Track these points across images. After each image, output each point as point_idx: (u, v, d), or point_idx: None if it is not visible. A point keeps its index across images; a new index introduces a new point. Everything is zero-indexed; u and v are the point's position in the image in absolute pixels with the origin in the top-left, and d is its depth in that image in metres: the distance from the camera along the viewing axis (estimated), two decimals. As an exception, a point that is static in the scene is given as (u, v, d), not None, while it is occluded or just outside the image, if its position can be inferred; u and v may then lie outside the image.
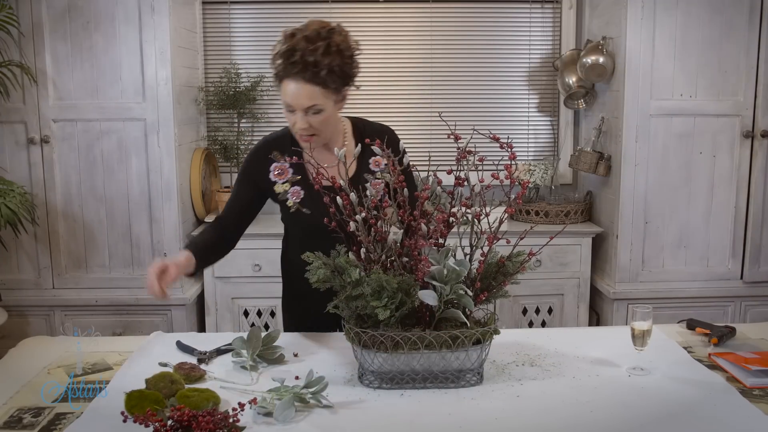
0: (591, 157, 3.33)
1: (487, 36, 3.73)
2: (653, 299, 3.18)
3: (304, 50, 1.77)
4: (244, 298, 3.33)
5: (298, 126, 1.84)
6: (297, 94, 1.80)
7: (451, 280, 1.59)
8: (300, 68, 1.77)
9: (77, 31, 3.00)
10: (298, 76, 1.78)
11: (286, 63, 1.78)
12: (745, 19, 3.09)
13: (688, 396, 1.63)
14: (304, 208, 1.91)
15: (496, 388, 1.67)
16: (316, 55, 1.77)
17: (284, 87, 1.82)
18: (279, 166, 1.93)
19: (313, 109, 1.82)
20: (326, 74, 1.78)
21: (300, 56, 1.77)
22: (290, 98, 1.81)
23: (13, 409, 1.58)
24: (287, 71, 1.79)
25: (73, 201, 3.11)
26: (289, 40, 1.80)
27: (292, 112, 1.84)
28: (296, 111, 1.82)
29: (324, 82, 1.79)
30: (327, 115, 1.84)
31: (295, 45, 1.77)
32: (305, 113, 1.82)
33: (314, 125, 1.84)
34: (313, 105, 1.81)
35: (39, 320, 3.18)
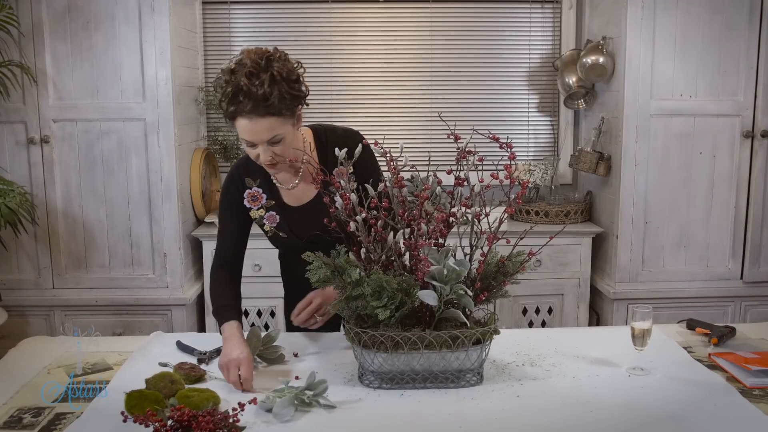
0: (591, 157, 3.33)
1: (487, 36, 3.73)
2: (653, 299, 3.18)
3: (249, 87, 1.72)
4: (244, 298, 3.26)
5: (262, 159, 1.81)
6: (255, 129, 1.76)
7: (451, 280, 1.59)
8: (251, 105, 1.73)
9: (77, 31, 3.00)
10: (252, 113, 1.74)
11: (235, 103, 1.74)
12: (745, 19, 3.09)
13: (688, 396, 1.63)
14: (281, 232, 1.97)
15: (496, 388, 1.67)
16: (263, 88, 1.73)
17: (239, 125, 1.77)
18: (252, 192, 1.94)
19: (273, 140, 1.79)
20: (278, 103, 1.75)
21: (246, 94, 1.72)
22: (249, 135, 1.77)
23: (13, 409, 1.58)
24: (239, 110, 1.74)
25: (73, 201, 3.11)
26: (231, 80, 1.74)
27: (253, 146, 1.80)
28: (257, 145, 1.79)
29: (278, 111, 1.76)
30: (288, 140, 1.81)
31: (239, 84, 1.72)
32: (267, 145, 1.79)
33: (278, 153, 1.81)
34: (273, 136, 1.78)
35: (39, 320, 3.18)
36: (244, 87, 1.71)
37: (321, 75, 3.69)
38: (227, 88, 1.74)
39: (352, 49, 3.68)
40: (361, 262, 1.67)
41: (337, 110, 3.71)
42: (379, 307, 1.59)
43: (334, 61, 3.68)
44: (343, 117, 3.72)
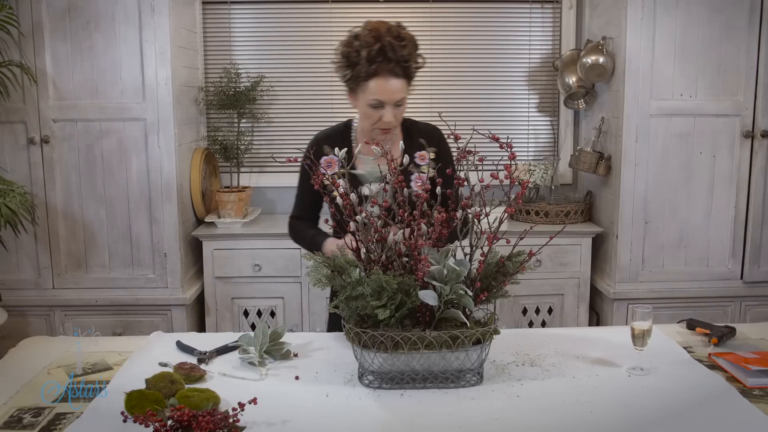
0: (591, 157, 3.33)
1: (487, 36, 3.73)
2: (653, 299, 3.18)
3: (395, 47, 1.89)
4: (244, 298, 3.33)
5: (386, 119, 1.96)
6: (391, 89, 1.92)
7: (451, 280, 1.59)
8: (393, 65, 1.90)
9: (77, 31, 3.00)
10: (391, 73, 1.91)
11: (378, 61, 1.89)
12: (745, 19, 3.09)
13: (688, 396, 1.63)
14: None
15: (496, 388, 1.67)
16: (407, 51, 1.91)
17: (374, 85, 1.92)
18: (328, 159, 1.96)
19: (400, 102, 1.96)
20: (413, 67, 1.94)
21: (392, 53, 1.89)
22: (384, 94, 1.93)
23: (13, 409, 1.58)
24: (381, 68, 1.90)
25: (73, 201, 3.11)
26: (375, 41, 1.90)
27: (377, 107, 1.95)
28: (386, 106, 1.94)
29: (410, 75, 1.96)
30: (405, 106, 1.99)
31: (386, 44, 1.89)
32: (393, 106, 1.95)
33: (397, 116, 1.97)
34: (402, 98, 1.95)
35: (39, 320, 3.18)
36: (388, 47, 1.89)
37: (321, 75, 3.69)
38: (372, 48, 1.89)
39: (352, 49, 3.67)
40: (361, 262, 1.67)
41: (338, 110, 3.71)
42: (379, 307, 1.59)
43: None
44: (343, 117, 3.70)
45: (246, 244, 3.30)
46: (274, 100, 3.69)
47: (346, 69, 1.97)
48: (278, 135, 3.73)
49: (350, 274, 1.64)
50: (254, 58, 3.68)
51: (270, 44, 3.69)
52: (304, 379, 1.74)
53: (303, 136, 3.69)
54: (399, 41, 1.91)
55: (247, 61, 3.67)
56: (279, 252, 3.30)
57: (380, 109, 1.95)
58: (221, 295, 3.31)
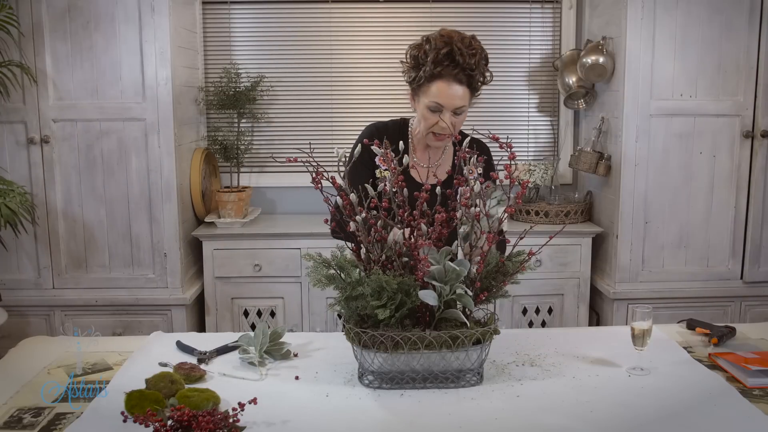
0: (591, 157, 3.33)
1: (487, 36, 3.72)
2: (653, 299, 3.18)
3: (464, 54, 1.88)
4: (244, 298, 3.33)
5: (442, 125, 1.95)
6: (452, 94, 1.92)
7: (451, 280, 1.59)
8: (459, 70, 1.89)
9: (77, 31, 3.00)
10: (455, 78, 1.91)
11: (445, 64, 1.89)
12: (745, 19, 3.09)
13: (688, 396, 1.63)
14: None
15: (496, 388, 1.67)
16: (474, 59, 1.90)
17: (436, 87, 1.92)
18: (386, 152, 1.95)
19: (459, 110, 1.94)
20: (477, 78, 1.93)
21: (461, 59, 1.88)
22: (444, 98, 1.92)
23: (13, 409, 1.58)
24: (445, 72, 1.90)
25: (73, 201, 3.11)
26: (444, 44, 1.89)
27: (436, 111, 1.94)
28: (444, 111, 1.93)
29: (473, 85, 1.94)
30: (465, 116, 1.97)
31: (454, 48, 1.88)
32: (452, 113, 1.93)
33: (455, 125, 1.95)
34: (462, 106, 1.94)
35: (39, 320, 3.18)
36: (458, 52, 1.88)
37: (321, 75, 3.69)
38: (441, 50, 1.88)
39: (352, 49, 3.68)
40: (360, 262, 1.67)
41: (337, 110, 3.72)
42: (379, 307, 1.59)
43: (334, 61, 3.68)
44: (344, 117, 3.72)
45: (246, 244, 3.30)
46: (274, 100, 3.68)
47: (412, 70, 1.98)
48: (278, 135, 3.73)
49: (350, 274, 1.64)
50: (254, 58, 3.68)
51: (270, 44, 3.69)
52: (304, 379, 1.74)
53: (303, 136, 3.69)
54: (468, 49, 1.90)
55: (247, 61, 3.67)
56: (279, 252, 3.30)
57: (438, 113, 1.95)
58: (221, 295, 3.31)
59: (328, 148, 3.62)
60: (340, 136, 3.71)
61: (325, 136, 3.72)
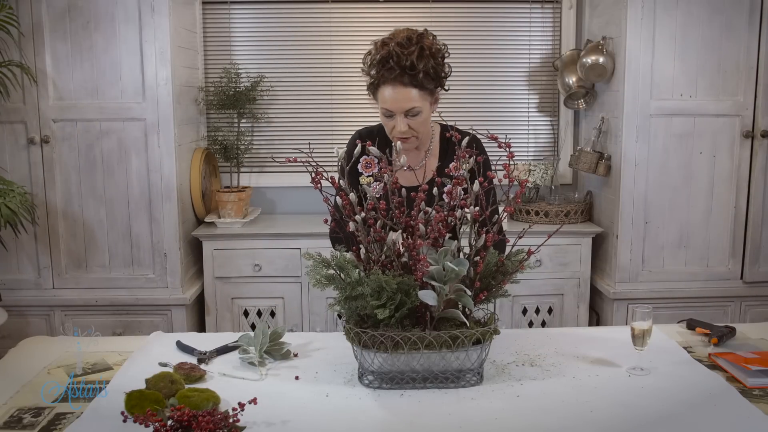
0: (591, 157, 3.33)
1: (487, 36, 3.73)
2: (653, 299, 3.18)
3: (399, 55, 1.85)
4: (244, 298, 3.33)
5: (397, 129, 1.92)
6: (396, 98, 1.89)
7: (451, 280, 1.59)
8: (397, 73, 1.86)
9: (77, 31, 3.00)
10: (396, 81, 1.87)
11: (383, 69, 1.87)
12: (745, 19, 3.09)
13: (688, 396, 1.63)
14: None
15: (496, 388, 1.67)
16: (411, 59, 1.85)
17: (382, 93, 1.91)
18: (368, 159, 1.95)
19: (412, 112, 1.91)
20: (422, 76, 1.87)
21: (396, 61, 1.85)
22: (390, 103, 1.90)
23: (13, 409, 1.58)
24: (385, 77, 1.88)
25: (73, 201, 3.11)
26: (383, 48, 1.87)
27: (390, 116, 1.93)
28: (396, 115, 1.91)
29: (421, 84, 1.89)
30: (424, 116, 1.94)
31: (390, 51, 1.85)
32: (405, 116, 1.91)
33: (413, 127, 1.92)
34: (412, 107, 1.90)
35: (39, 320, 3.18)
36: (394, 55, 1.85)
37: (321, 75, 3.69)
38: (376, 55, 1.87)
39: (352, 49, 3.68)
40: (360, 262, 1.67)
41: (337, 110, 3.72)
42: (378, 307, 1.59)
43: (334, 61, 3.68)
44: (344, 117, 3.72)
45: (246, 244, 3.30)
46: (274, 100, 3.69)
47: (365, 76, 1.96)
48: (278, 135, 3.73)
49: (350, 274, 1.64)
50: (254, 58, 3.68)
51: (270, 44, 3.69)
52: (304, 379, 1.74)
53: (303, 136, 3.69)
54: (405, 49, 1.86)
55: (247, 61, 3.67)
56: (279, 252, 3.30)
57: (392, 117, 1.93)
58: (221, 295, 3.31)
59: (327, 148, 3.62)
60: (340, 136, 3.71)
61: (325, 136, 3.72)
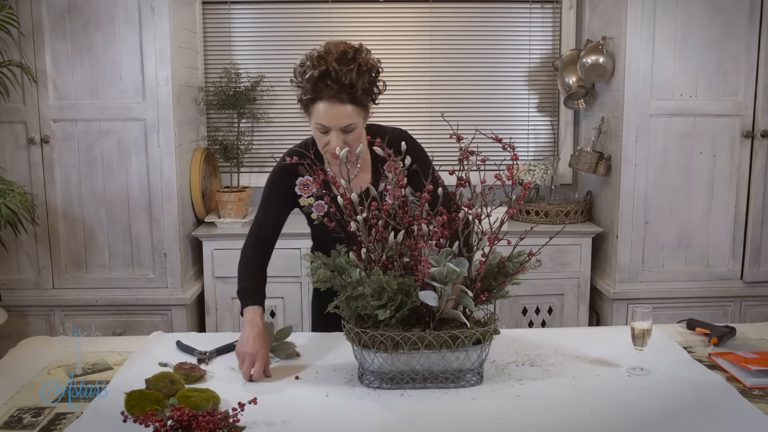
0: (591, 157, 3.33)
1: (487, 36, 3.73)
2: (653, 299, 3.17)
3: (338, 72, 1.81)
4: (244, 298, 3.32)
5: (332, 145, 1.87)
6: (334, 114, 1.84)
7: (451, 280, 1.59)
8: (336, 90, 1.82)
9: (77, 31, 3.00)
10: (334, 98, 1.83)
11: (320, 85, 1.82)
12: (745, 19, 3.09)
13: (688, 396, 1.63)
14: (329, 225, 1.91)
15: (496, 388, 1.67)
16: (351, 76, 1.81)
17: (317, 109, 1.86)
18: (303, 180, 1.96)
19: (348, 128, 1.86)
20: (360, 93, 1.84)
21: (335, 79, 1.81)
22: (327, 119, 1.85)
23: (13, 409, 1.58)
24: (323, 93, 1.83)
25: (73, 201, 3.11)
26: (320, 63, 1.82)
27: (325, 132, 1.88)
28: (331, 131, 1.87)
29: (359, 101, 1.85)
30: (358, 132, 1.89)
31: (329, 68, 1.81)
32: (340, 132, 1.86)
33: (348, 142, 1.87)
34: (348, 124, 1.86)
35: (39, 320, 3.18)
36: (333, 72, 1.80)
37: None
38: (314, 71, 1.81)
39: (352, 49, 3.67)
40: (361, 262, 1.67)
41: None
42: (379, 307, 1.59)
43: (334, 61, 3.68)
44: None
45: (246, 244, 3.29)
46: (274, 100, 3.68)
47: (298, 90, 1.91)
48: (278, 135, 3.73)
49: (350, 275, 1.64)
50: (254, 58, 3.68)
51: (270, 44, 3.69)
52: (304, 379, 1.74)
53: (303, 136, 3.66)
54: (345, 65, 1.81)
55: (247, 61, 3.67)
56: (279, 252, 3.26)
57: (326, 133, 1.88)
58: (221, 295, 3.31)
59: (328, 148, 3.62)
60: (340, 136, 3.71)
61: (325, 136, 3.71)
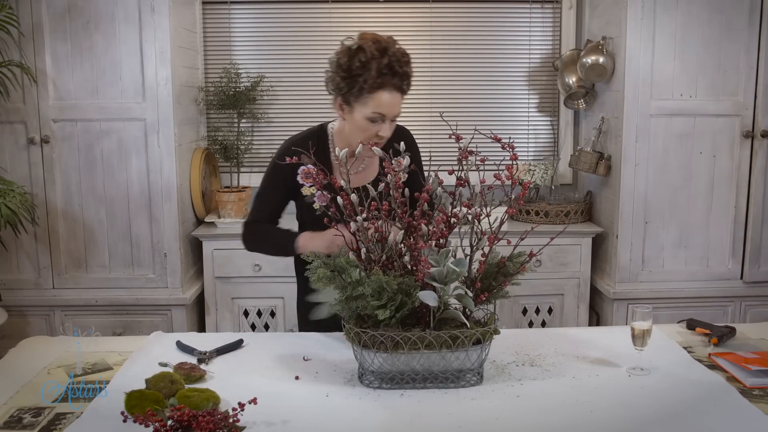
0: (591, 157, 3.33)
1: (487, 36, 3.73)
2: (653, 299, 3.17)
3: (401, 62, 1.87)
4: (244, 298, 3.33)
5: (384, 134, 1.94)
6: (394, 103, 1.91)
7: (451, 280, 1.59)
8: (398, 80, 1.88)
9: (77, 31, 3.00)
10: (396, 88, 1.89)
11: (386, 75, 1.86)
12: (745, 19, 3.09)
13: (688, 396, 1.63)
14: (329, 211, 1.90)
15: (496, 388, 1.67)
16: (409, 68, 1.90)
17: (380, 98, 1.89)
18: (306, 169, 1.94)
19: (397, 117, 1.94)
20: (409, 85, 1.93)
21: (398, 69, 1.87)
22: (388, 108, 1.90)
23: (13, 409, 1.58)
24: (387, 81, 1.87)
25: (73, 201, 3.11)
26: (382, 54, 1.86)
27: (377, 121, 1.92)
28: (386, 120, 1.92)
29: (406, 92, 1.94)
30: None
31: (393, 57, 1.86)
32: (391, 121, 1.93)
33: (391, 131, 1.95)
34: (399, 113, 1.94)
35: (39, 320, 3.18)
36: (395, 62, 1.86)
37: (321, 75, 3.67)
38: (381, 61, 1.85)
39: (352, 49, 3.67)
40: (361, 262, 1.67)
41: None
42: (379, 307, 1.59)
43: (334, 61, 3.68)
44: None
45: (246, 244, 3.29)
46: (274, 100, 3.68)
47: (345, 80, 1.90)
48: (278, 135, 3.73)
49: (350, 274, 1.64)
50: (254, 58, 3.68)
51: (270, 44, 3.69)
52: (304, 379, 1.74)
53: (303, 136, 3.69)
54: (404, 56, 1.90)
55: (247, 61, 3.67)
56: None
57: (379, 123, 1.92)
58: (221, 295, 3.31)
59: (328, 148, 3.61)
60: (340, 136, 3.71)
61: (325, 136, 3.71)
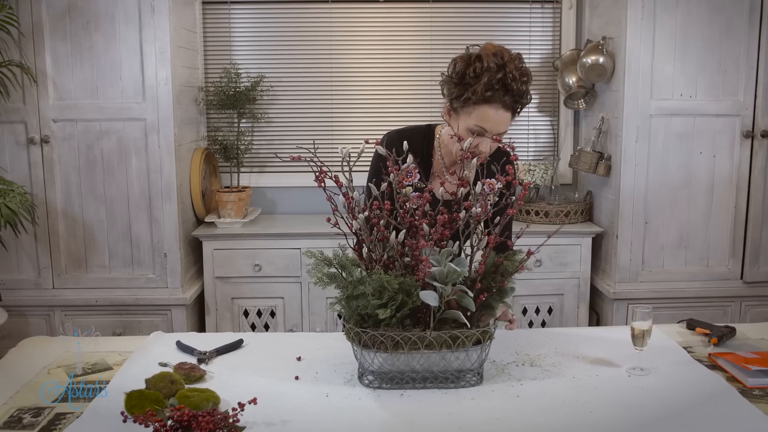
0: (591, 157, 3.33)
1: (487, 36, 3.72)
2: (653, 299, 3.18)
3: (516, 80, 1.76)
4: (244, 298, 3.33)
5: (482, 149, 1.81)
6: (499, 121, 1.79)
7: (452, 280, 1.59)
8: (508, 97, 1.77)
9: (77, 31, 3.00)
10: (503, 104, 1.78)
11: (496, 89, 1.76)
12: (745, 19, 3.09)
13: (688, 396, 1.63)
14: None
15: (496, 388, 1.67)
16: (525, 87, 1.78)
17: (484, 112, 1.79)
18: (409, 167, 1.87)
19: (501, 134, 1.81)
20: (522, 105, 1.80)
21: (509, 85, 1.76)
22: (490, 124, 1.79)
23: (13, 409, 1.58)
24: (496, 97, 1.77)
25: (73, 201, 3.11)
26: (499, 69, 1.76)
27: (481, 135, 1.81)
28: (486, 135, 1.81)
29: (517, 112, 1.81)
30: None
31: (508, 74, 1.75)
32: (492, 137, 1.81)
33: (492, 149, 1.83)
34: (504, 131, 1.81)
35: (39, 320, 3.18)
36: (510, 79, 1.75)
37: (321, 75, 3.69)
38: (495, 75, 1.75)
39: (352, 49, 3.68)
40: (362, 262, 1.67)
41: (338, 110, 3.72)
42: (380, 306, 1.59)
43: (334, 61, 3.68)
44: (344, 117, 3.72)
45: (246, 244, 3.30)
46: (274, 100, 3.68)
47: (456, 86, 1.85)
48: (278, 135, 3.73)
49: (351, 273, 1.64)
50: (254, 58, 3.68)
51: (270, 44, 3.69)
52: (304, 379, 1.74)
53: (303, 136, 3.69)
54: (521, 74, 1.79)
55: (247, 61, 3.67)
56: (279, 252, 3.30)
57: (479, 137, 1.83)
58: (221, 295, 3.31)
59: (328, 147, 3.62)
60: (340, 135, 3.71)
61: (325, 136, 3.72)
